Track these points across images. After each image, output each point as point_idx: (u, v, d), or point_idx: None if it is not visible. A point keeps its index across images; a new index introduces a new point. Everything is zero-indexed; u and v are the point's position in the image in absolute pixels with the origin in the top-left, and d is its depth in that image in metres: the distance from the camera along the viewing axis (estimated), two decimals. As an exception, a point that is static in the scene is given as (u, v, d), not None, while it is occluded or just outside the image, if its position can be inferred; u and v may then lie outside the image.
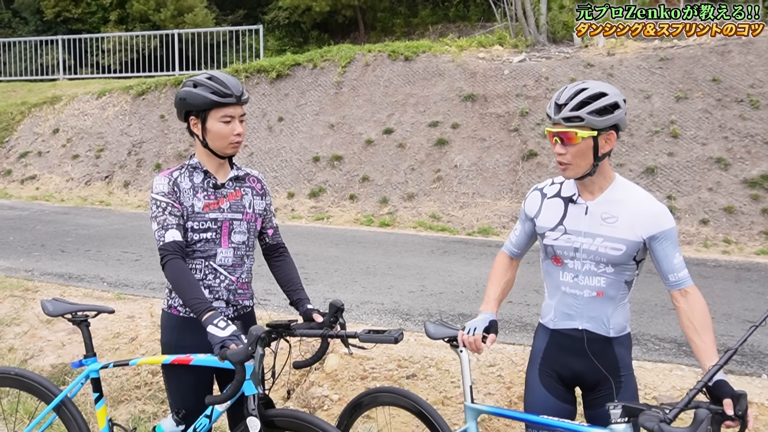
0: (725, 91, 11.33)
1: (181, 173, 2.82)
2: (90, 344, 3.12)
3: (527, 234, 2.77)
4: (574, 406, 2.69)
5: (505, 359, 4.79)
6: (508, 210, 10.85)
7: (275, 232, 3.09)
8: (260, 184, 3.01)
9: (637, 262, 2.51)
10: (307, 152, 13.02)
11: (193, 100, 2.72)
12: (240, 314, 2.92)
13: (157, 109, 15.37)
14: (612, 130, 2.41)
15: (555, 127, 2.43)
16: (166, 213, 2.72)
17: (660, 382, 4.50)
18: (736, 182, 10.23)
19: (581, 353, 2.56)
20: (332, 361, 4.84)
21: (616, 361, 2.55)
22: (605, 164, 2.50)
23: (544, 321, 2.71)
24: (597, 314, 2.54)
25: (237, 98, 2.71)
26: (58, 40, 20.31)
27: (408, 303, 6.52)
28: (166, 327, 2.89)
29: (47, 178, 14.88)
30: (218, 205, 2.81)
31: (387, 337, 2.60)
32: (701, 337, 2.38)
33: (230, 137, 2.75)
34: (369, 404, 3.14)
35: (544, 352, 2.69)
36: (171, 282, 2.68)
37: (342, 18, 21.77)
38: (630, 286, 2.55)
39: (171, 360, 2.80)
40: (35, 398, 3.28)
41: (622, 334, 2.58)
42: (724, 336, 5.55)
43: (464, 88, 12.85)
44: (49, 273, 7.61)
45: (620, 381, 2.55)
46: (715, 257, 8.89)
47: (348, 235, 10.26)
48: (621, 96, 2.43)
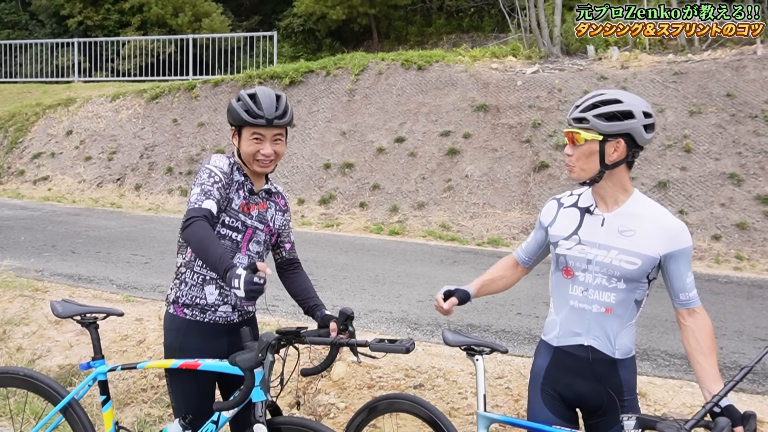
0: (739, 107, 11.27)
1: (234, 164, 2.84)
2: (98, 346, 3.11)
3: (538, 243, 2.76)
4: (576, 425, 2.64)
5: (514, 371, 4.75)
6: (519, 221, 10.81)
7: (292, 247, 3.11)
8: (284, 201, 3.05)
9: (649, 280, 2.46)
10: (319, 159, 13.03)
11: (232, 113, 2.76)
12: (244, 319, 2.94)
13: (170, 113, 15.45)
14: (622, 138, 2.37)
15: (568, 128, 2.47)
16: (214, 185, 2.68)
17: (670, 399, 4.46)
18: (749, 198, 10.16)
19: (584, 374, 2.51)
20: (339, 369, 4.82)
21: (621, 384, 2.50)
22: (621, 176, 2.46)
23: (548, 338, 2.65)
24: (604, 332, 2.48)
25: (268, 120, 2.69)
26: (74, 42, 20.47)
27: (416, 312, 6.50)
28: (171, 329, 2.85)
29: (59, 179, 14.96)
30: (249, 210, 2.84)
31: (398, 347, 2.56)
32: (707, 359, 2.35)
33: (257, 156, 2.74)
34: (384, 410, 3.13)
35: (546, 371, 2.63)
36: (193, 239, 2.48)
37: (357, 26, 21.84)
38: (639, 306, 2.50)
39: (179, 364, 2.77)
40: (42, 399, 3.27)
41: (627, 356, 2.52)
42: (735, 353, 5.50)
43: (477, 99, 12.84)
44: (59, 274, 7.64)
45: (624, 405, 2.49)
46: (727, 273, 8.82)
47: (357, 242, 10.24)
48: (642, 107, 2.37)
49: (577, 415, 2.65)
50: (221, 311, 2.83)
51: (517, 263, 2.86)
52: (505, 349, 2.71)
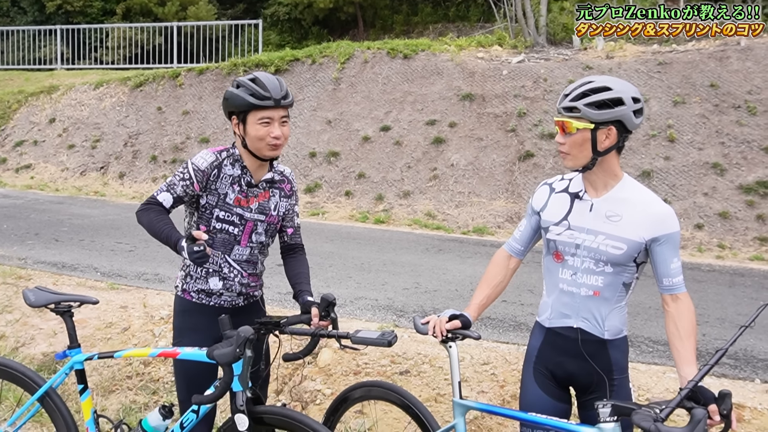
0: (723, 97, 11.35)
1: (228, 158, 2.84)
2: (74, 335, 3.06)
3: (533, 228, 2.74)
4: (568, 404, 2.68)
5: (499, 358, 4.79)
6: (504, 210, 10.85)
7: (295, 232, 3.10)
8: (290, 185, 3.04)
9: (637, 264, 2.49)
10: (304, 147, 13.00)
11: (234, 101, 2.73)
12: (249, 302, 2.99)
13: (154, 101, 15.33)
14: (613, 125, 2.39)
15: (558, 116, 2.47)
16: (180, 182, 2.79)
17: (653, 384, 4.51)
18: (732, 188, 10.25)
19: (575, 354, 2.55)
20: (325, 355, 4.83)
21: (610, 363, 2.53)
22: (611, 161, 2.48)
23: (541, 319, 2.69)
24: (592, 314, 2.52)
25: (276, 101, 2.70)
26: (57, 30, 20.20)
27: (402, 300, 6.52)
28: (179, 311, 2.95)
29: (42, 167, 14.82)
30: (248, 203, 2.85)
31: (380, 339, 2.57)
32: (684, 344, 2.38)
33: (267, 139, 2.73)
34: (358, 398, 3.13)
35: (539, 350, 2.67)
36: (144, 222, 2.78)
37: (343, 15, 21.73)
38: (628, 288, 2.53)
39: (158, 353, 2.82)
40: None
41: (617, 337, 2.55)
42: (717, 340, 5.57)
43: (462, 88, 12.84)
44: (42, 261, 7.58)
45: (613, 384, 2.53)
46: (710, 262, 8.91)
47: (343, 231, 10.24)
48: (631, 93, 2.40)
49: (569, 394, 2.69)
50: (226, 296, 2.91)
51: (509, 256, 2.82)
52: (477, 336, 2.70)
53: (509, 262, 2.82)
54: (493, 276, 2.80)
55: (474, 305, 2.74)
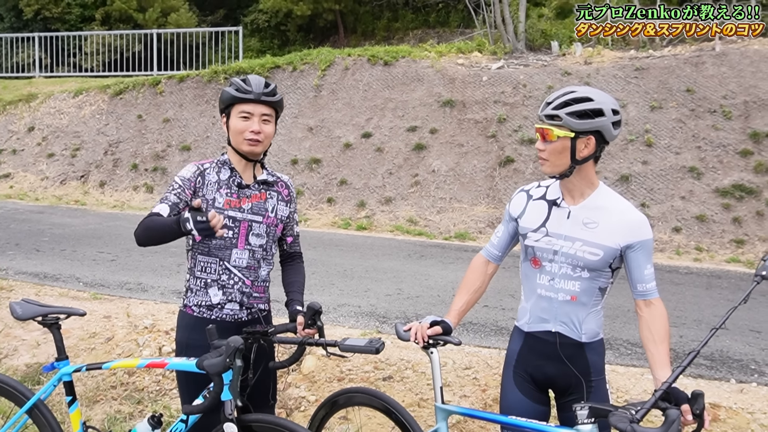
0: (699, 102, 11.53)
1: (211, 166, 2.88)
2: (62, 347, 3.06)
3: (510, 234, 2.80)
4: (547, 407, 2.74)
5: (481, 362, 4.85)
6: (485, 215, 10.94)
7: (294, 241, 3.12)
8: (288, 191, 3.04)
9: (612, 269, 2.57)
10: (286, 155, 13.02)
11: (222, 96, 2.85)
12: (254, 317, 2.94)
13: (134, 108, 15.27)
14: (592, 135, 2.46)
15: (539, 123, 2.53)
16: (171, 192, 2.80)
17: (632, 386, 4.59)
18: (708, 191, 10.41)
19: (553, 357, 2.62)
20: (309, 362, 4.87)
21: (588, 366, 2.61)
22: (588, 170, 2.56)
23: (520, 324, 2.76)
24: (569, 318, 2.59)
25: (256, 95, 2.78)
26: (35, 37, 20.05)
27: (385, 306, 6.57)
28: (181, 325, 2.93)
29: (21, 176, 14.70)
30: (239, 204, 2.85)
31: (368, 347, 2.59)
32: (658, 348, 2.47)
33: (245, 133, 2.78)
34: (342, 404, 3.16)
35: (518, 354, 2.74)
36: (141, 230, 2.72)
37: (323, 22, 21.77)
38: (603, 293, 2.61)
39: (146, 364, 2.83)
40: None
41: (594, 339, 2.63)
42: (694, 341, 5.67)
43: (443, 94, 12.93)
44: (23, 272, 7.54)
45: (591, 385, 2.60)
46: (687, 264, 9.05)
47: (325, 238, 10.27)
48: (611, 105, 2.46)
49: (548, 396, 2.76)
50: (228, 309, 2.87)
51: (487, 261, 2.88)
52: (458, 341, 2.75)
53: (487, 267, 2.88)
54: (471, 282, 2.85)
55: (454, 311, 2.79)
